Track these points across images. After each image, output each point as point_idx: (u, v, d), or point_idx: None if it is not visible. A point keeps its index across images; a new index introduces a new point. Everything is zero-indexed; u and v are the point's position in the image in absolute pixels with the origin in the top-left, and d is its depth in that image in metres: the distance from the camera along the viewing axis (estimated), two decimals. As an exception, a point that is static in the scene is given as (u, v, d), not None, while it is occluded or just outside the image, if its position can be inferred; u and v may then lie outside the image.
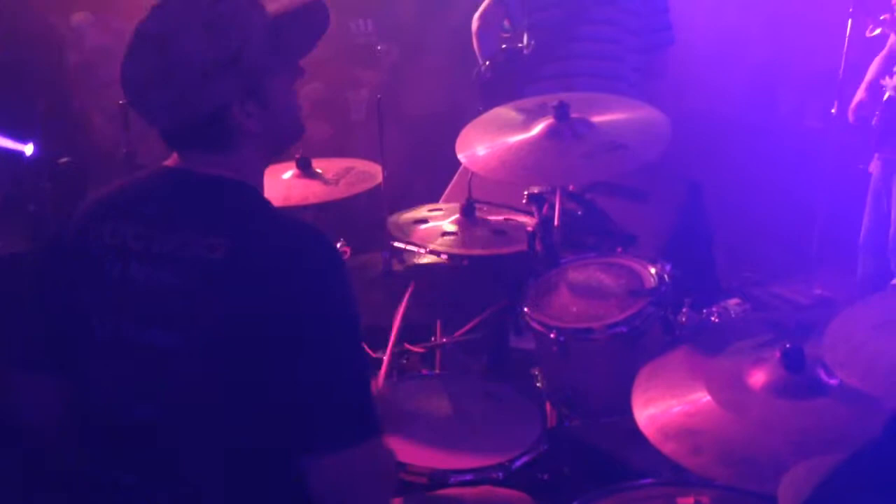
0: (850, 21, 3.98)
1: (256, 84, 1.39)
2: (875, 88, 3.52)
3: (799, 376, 1.70)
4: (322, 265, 1.36)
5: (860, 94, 3.59)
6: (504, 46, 3.40)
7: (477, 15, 3.44)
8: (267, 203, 1.45)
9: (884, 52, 3.60)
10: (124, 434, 1.41)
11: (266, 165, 1.51)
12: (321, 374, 1.33)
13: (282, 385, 1.32)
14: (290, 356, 1.31)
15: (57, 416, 1.57)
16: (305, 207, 2.60)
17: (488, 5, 3.43)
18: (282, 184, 2.67)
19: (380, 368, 2.04)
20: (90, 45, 3.89)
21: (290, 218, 1.46)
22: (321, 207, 2.65)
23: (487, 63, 3.34)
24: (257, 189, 1.46)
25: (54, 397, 1.54)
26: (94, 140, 3.92)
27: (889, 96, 3.36)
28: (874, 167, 3.64)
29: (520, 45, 3.41)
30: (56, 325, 1.47)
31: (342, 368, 1.35)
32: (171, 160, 1.47)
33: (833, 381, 1.67)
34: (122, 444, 1.42)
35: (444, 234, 2.63)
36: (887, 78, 3.44)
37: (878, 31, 3.66)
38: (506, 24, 3.46)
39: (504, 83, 3.27)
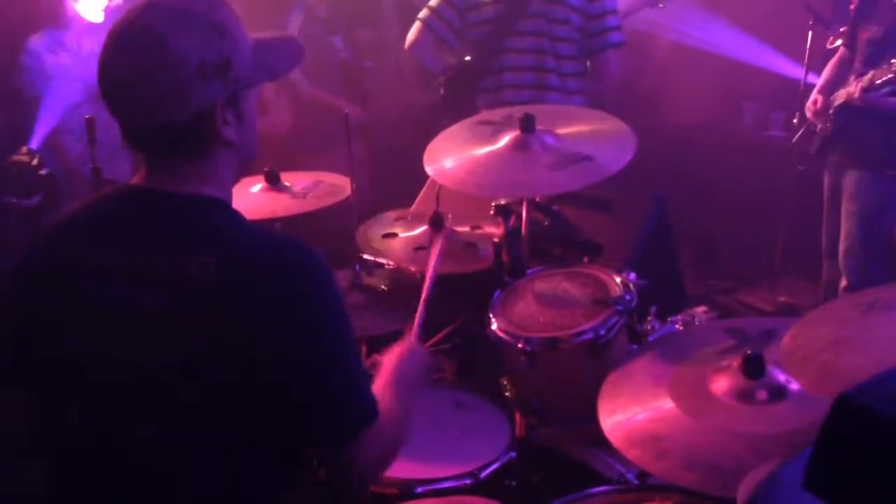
0: (810, 33, 4.07)
1: (237, 94, 1.40)
2: (828, 92, 3.61)
3: (759, 382, 1.74)
4: (309, 274, 1.37)
5: (816, 96, 3.66)
6: (453, 62, 3.47)
7: (407, 46, 3.47)
8: (243, 218, 1.45)
9: (835, 60, 3.68)
10: (106, 455, 1.40)
11: (234, 182, 1.51)
12: (318, 379, 1.36)
13: (277, 396, 1.34)
14: (285, 367, 1.33)
15: (25, 437, 1.56)
16: (274, 221, 2.61)
17: (416, 36, 3.44)
18: (250, 197, 2.68)
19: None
20: (47, 66, 3.87)
21: (270, 231, 1.48)
22: (289, 221, 2.65)
23: (441, 79, 3.44)
24: (230, 204, 1.47)
25: (22, 416, 1.53)
26: (63, 159, 3.90)
27: (840, 104, 3.44)
28: (826, 176, 3.72)
29: (467, 58, 3.47)
30: (26, 345, 1.45)
31: (338, 370, 1.38)
32: (139, 178, 1.45)
33: (792, 387, 1.71)
34: (103, 465, 1.40)
35: (416, 249, 2.64)
36: (843, 87, 3.51)
37: (838, 42, 3.75)
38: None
39: (460, 96, 3.39)
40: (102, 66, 1.38)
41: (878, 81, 3.24)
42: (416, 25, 3.44)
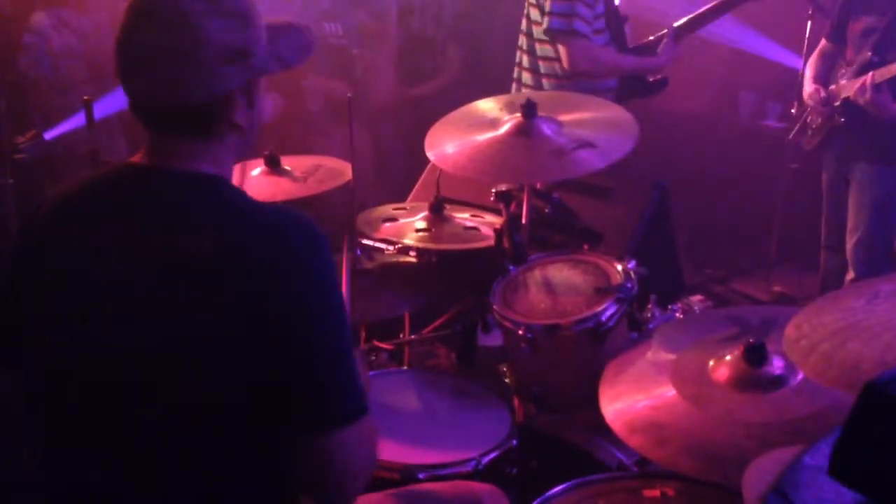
0: (809, 23, 4.07)
1: (252, 81, 1.42)
2: (824, 84, 3.58)
3: (761, 370, 1.74)
4: (305, 249, 1.36)
5: (816, 86, 3.61)
6: None
7: None
8: (244, 194, 1.44)
9: (817, 53, 3.66)
10: (99, 432, 1.39)
11: (236, 163, 1.52)
12: (309, 358, 1.34)
13: (271, 372, 1.33)
14: (278, 344, 1.32)
15: (17, 419, 1.56)
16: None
17: None
18: (250, 180, 2.67)
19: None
20: (54, 45, 3.86)
21: (271, 206, 1.46)
22: (289, 205, 2.64)
23: None
24: (231, 182, 1.46)
25: (14, 398, 1.52)
26: (59, 140, 3.88)
27: (846, 97, 3.43)
28: (825, 167, 3.72)
29: None
30: (21, 325, 1.44)
31: (329, 351, 1.36)
32: (139, 156, 1.44)
33: (793, 376, 1.72)
34: (95, 442, 1.40)
35: (416, 230, 2.65)
36: (837, 83, 3.50)
37: None
38: None
39: None
40: (125, 40, 1.36)
41: (888, 77, 3.23)
42: None
